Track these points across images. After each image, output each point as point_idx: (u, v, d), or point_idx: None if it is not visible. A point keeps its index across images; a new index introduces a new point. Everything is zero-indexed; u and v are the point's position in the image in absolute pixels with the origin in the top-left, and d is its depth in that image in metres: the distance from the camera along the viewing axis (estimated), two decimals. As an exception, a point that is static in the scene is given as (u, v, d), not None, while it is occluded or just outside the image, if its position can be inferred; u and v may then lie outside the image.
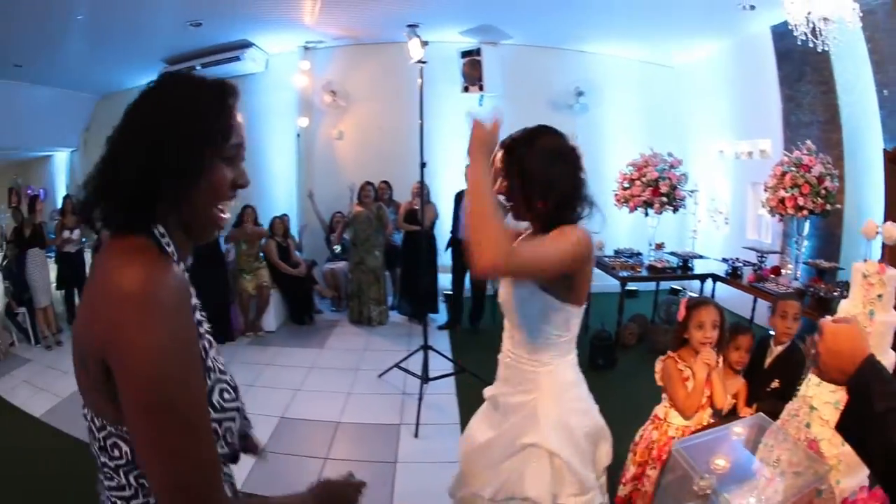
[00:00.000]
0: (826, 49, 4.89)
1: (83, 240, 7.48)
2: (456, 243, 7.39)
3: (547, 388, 2.06)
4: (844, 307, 2.21)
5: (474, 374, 5.16)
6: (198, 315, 1.11)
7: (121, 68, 8.81)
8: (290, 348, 6.86)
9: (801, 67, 6.65)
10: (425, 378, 5.17)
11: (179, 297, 1.00)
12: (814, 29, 4.77)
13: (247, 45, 8.33)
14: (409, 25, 7.77)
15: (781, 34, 6.67)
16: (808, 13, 4.73)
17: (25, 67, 8.10)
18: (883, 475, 1.14)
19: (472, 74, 8.29)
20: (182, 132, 1.04)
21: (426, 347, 5.37)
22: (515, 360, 2.13)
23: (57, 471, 3.99)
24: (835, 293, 5.09)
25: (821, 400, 2.20)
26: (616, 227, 8.02)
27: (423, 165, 5.45)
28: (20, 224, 7.01)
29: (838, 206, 5.89)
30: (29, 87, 8.90)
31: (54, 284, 7.41)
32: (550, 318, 2.01)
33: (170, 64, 8.62)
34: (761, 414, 2.23)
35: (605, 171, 8.51)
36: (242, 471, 3.66)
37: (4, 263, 7.28)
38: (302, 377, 5.87)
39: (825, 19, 4.68)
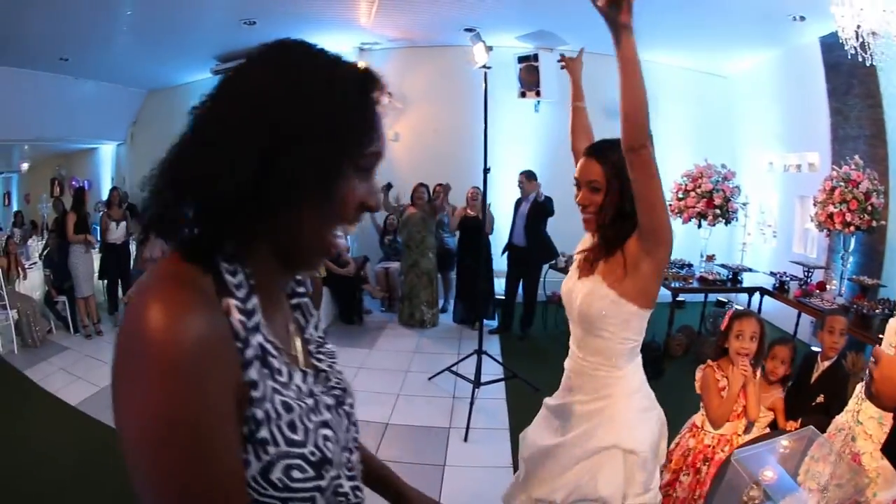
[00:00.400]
0: (873, 63, 4.83)
1: (131, 234, 7.40)
2: (512, 249, 7.25)
3: (621, 391, 2.07)
4: (892, 324, 2.15)
5: (525, 380, 5.20)
6: (273, 364, 0.80)
7: (170, 64, 8.78)
8: (339, 348, 6.51)
9: (849, 80, 6.52)
10: (477, 382, 4.98)
11: (205, 356, 0.69)
12: (862, 43, 4.71)
13: (302, 44, 8.18)
14: (467, 29, 7.71)
15: (830, 45, 6.57)
16: (858, 27, 4.66)
17: (73, 61, 8.06)
18: None
19: (529, 80, 8.08)
20: (315, 127, 0.78)
21: (480, 352, 5.20)
22: (591, 367, 2.09)
23: (91, 459, 3.91)
24: (876, 311, 5.04)
25: (866, 414, 2.22)
26: (677, 235, 7.72)
27: (486, 171, 5.27)
28: (62, 214, 6.88)
29: (883, 222, 5.78)
30: (74, 80, 8.87)
31: (96, 274, 7.29)
32: (631, 324, 2.01)
33: (222, 62, 8.57)
34: (811, 427, 2.22)
35: (664, 180, 8.23)
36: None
37: (46, 253, 7.15)
38: (351, 377, 5.53)
39: (873, 33, 4.63)
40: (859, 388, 2.29)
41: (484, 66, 5.65)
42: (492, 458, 4.10)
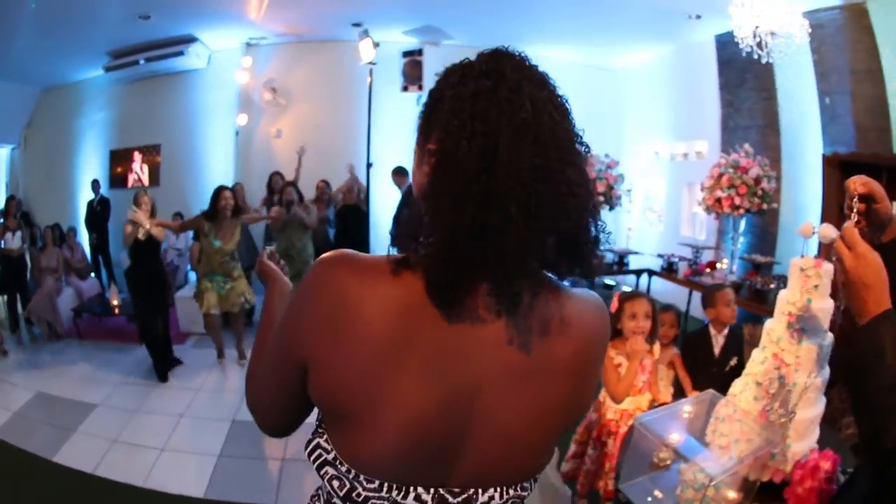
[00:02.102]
0: (771, 61, 5.16)
1: (26, 243, 7.26)
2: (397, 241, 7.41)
3: None
4: (783, 296, 2.27)
5: None
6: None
7: (64, 60, 8.43)
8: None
9: (743, 75, 6.87)
10: None
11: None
12: (760, 42, 5.00)
13: (191, 39, 8.11)
14: (355, 24, 7.75)
15: (725, 43, 6.88)
16: (756, 27, 4.96)
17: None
18: (868, 435, 1.20)
19: (413, 74, 8.27)
20: None
21: None
22: None
23: (19, 492, 3.90)
24: (771, 285, 5.39)
25: (765, 376, 2.25)
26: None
27: (369, 166, 5.48)
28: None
29: (774, 205, 6.16)
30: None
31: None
32: None
33: (114, 57, 8.35)
34: (711, 390, 2.37)
35: None
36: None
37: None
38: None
39: (772, 33, 4.93)
40: (755, 353, 2.33)
41: (370, 63, 5.80)
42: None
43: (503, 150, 0.79)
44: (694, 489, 1.89)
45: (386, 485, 0.90)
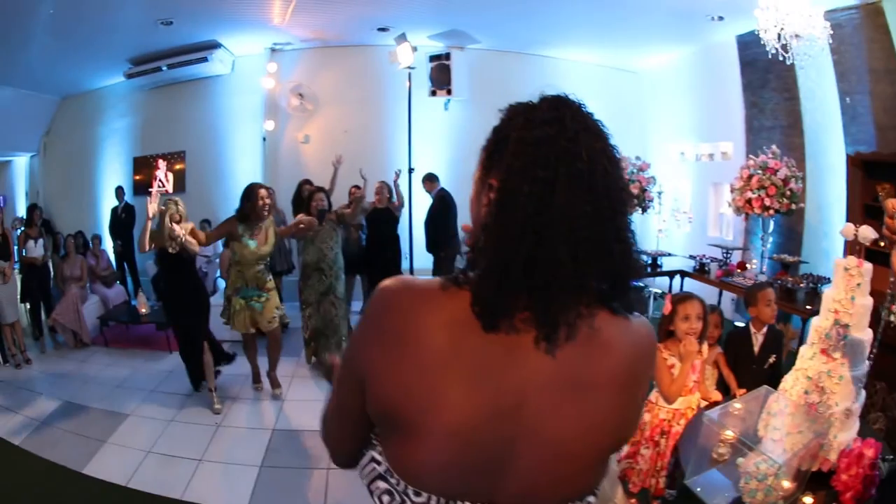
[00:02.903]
0: (793, 62, 5.08)
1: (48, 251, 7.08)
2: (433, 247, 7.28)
3: None
4: (829, 294, 2.46)
5: None
6: None
7: (85, 67, 8.29)
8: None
9: (766, 76, 6.75)
10: None
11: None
12: (784, 44, 4.96)
13: (215, 45, 7.96)
14: (380, 29, 7.68)
15: (747, 43, 6.85)
16: (781, 30, 4.90)
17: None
18: None
19: (440, 79, 8.07)
20: None
21: None
22: None
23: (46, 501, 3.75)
24: (801, 284, 5.38)
25: (815, 370, 2.41)
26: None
27: (411, 171, 5.27)
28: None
29: (801, 205, 6.11)
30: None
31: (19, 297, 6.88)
32: None
33: (135, 64, 8.21)
34: (765, 386, 2.51)
35: None
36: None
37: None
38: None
39: (797, 36, 4.87)
40: (804, 349, 2.50)
41: (409, 67, 5.62)
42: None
43: (559, 196, 0.85)
44: (757, 479, 2.01)
45: (434, 499, 0.93)
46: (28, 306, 7.15)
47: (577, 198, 0.85)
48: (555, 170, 0.86)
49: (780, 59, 5.04)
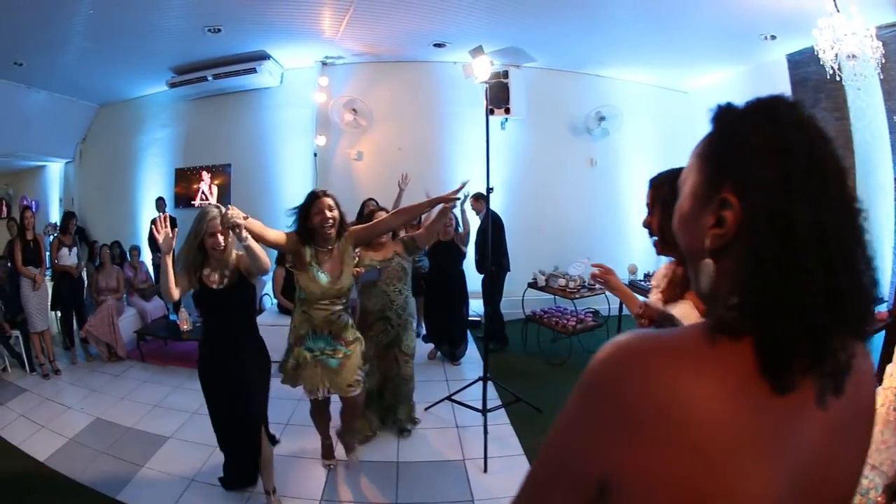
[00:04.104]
0: (843, 81, 5.23)
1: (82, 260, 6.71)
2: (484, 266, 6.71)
3: None
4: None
5: (528, 402, 4.85)
6: None
7: (126, 74, 8.01)
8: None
9: (817, 95, 6.69)
10: (485, 409, 4.46)
11: None
12: (839, 64, 5.05)
13: (264, 56, 7.64)
14: (436, 45, 7.42)
15: (797, 62, 6.92)
16: (837, 52, 4.98)
17: (27, 67, 7.16)
18: None
19: (499, 97, 7.71)
20: None
21: (486, 378, 4.68)
22: None
23: None
24: None
25: None
26: (644, 251, 7.68)
27: (489, 190, 4.77)
28: (14, 238, 6.08)
29: None
30: (26, 89, 7.95)
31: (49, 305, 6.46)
32: None
33: (178, 73, 7.91)
34: None
35: (624, 195, 8.13)
36: None
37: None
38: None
39: (853, 56, 4.93)
40: (890, 367, 2.35)
41: (485, 82, 5.24)
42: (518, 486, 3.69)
43: (825, 213, 0.72)
44: (860, 494, 1.99)
45: None
46: (59, 314, 6.76)
47: (844, 217, 0.74)
48: (818, 183, 0.73)
49: (837, 78, 5.10)
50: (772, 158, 0.74)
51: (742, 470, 0.69)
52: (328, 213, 3.41)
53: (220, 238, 3.23)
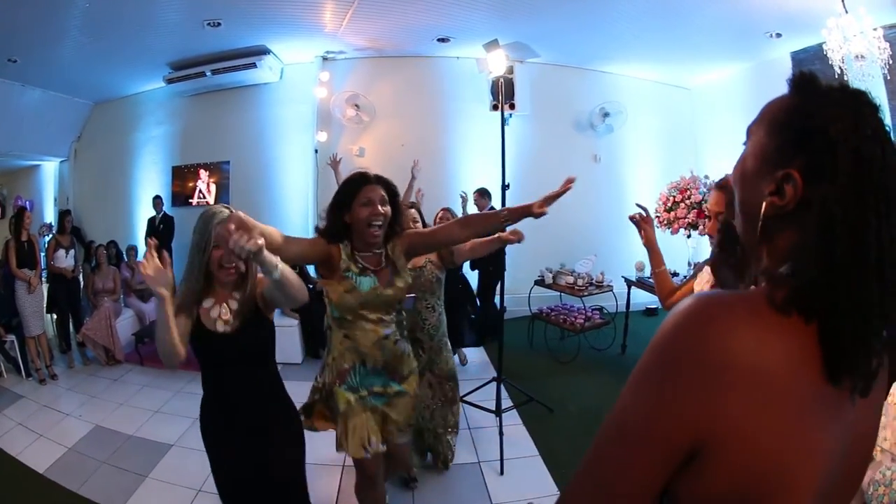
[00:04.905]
0: (854, 82, 5.06)
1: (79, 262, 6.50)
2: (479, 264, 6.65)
3: None
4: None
5: (541, 402, 4.77)
6: None
7: (121, 71, 7.80)
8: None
9: None
10: (499, 410, 4.35)
11: None
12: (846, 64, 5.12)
13: (264, 51, 7.43)
14: (440, 39, 7.32)
15: (801, 60, 6.88)
16: (844, 53, 5.06)
17: (21, 64, 6.95)
18: None
19: (503, 92, 7.57)
20: None
21: (500, 379, 4.55)
22: None
23: None
24: None
25: None
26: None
27: (505, 187, 4.56)
28: (9, 240, 5.87)
29: None
30: (21, 87, 7.73)
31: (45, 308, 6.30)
32: None
33: (175, 69, 7.71)
34: None
35: (629, 191, 8.01)
36: None
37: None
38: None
39: (861, 56, 4.98)
40: None
41: (500, 76, 5.09)
42: (536, 488, 3.64)
43: (887, 231, 0.74)
44: (885, 485, 2.02)
45: None
46: (55, 317, 6.55)
47: None
48: (886, 199, 0.74)
49: (844, 78, 4.98)
50: (850, 162, 0.75)
51: (813, 432, 0.73)
52: (379, 208, 2.45)
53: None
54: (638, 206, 2.75)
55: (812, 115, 0.80)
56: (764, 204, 0.82)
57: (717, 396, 0.71)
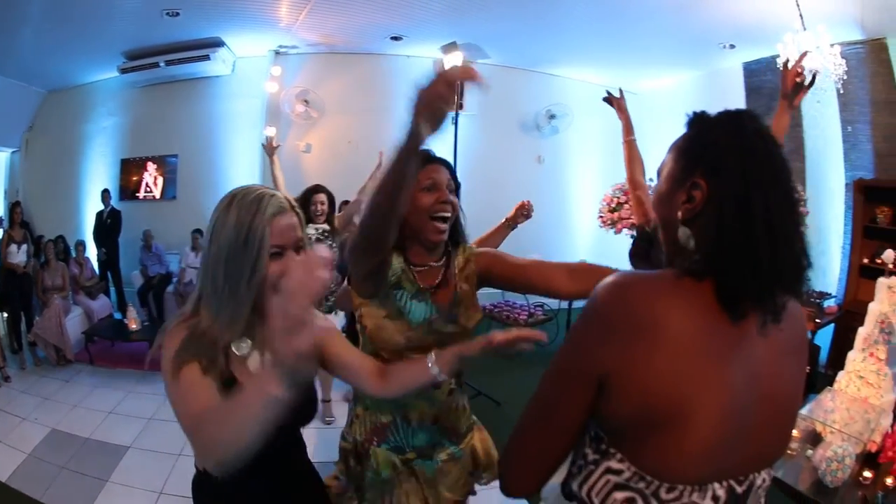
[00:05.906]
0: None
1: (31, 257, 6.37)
2: None
3: None
4: (874, 308, 2.98)
5: (487, 395, 5.03)
6: None
7: (76, 58, 7.58)
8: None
9: (770, 103, 6.91)
10: None
11: None
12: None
13: (219, 43, 7.37)
14: (393, 38, 7.37)
15: (753, 71, 7.19)
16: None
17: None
18: None
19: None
20: None
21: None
22: None
23: None
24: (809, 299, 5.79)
25: (865, 370, 2.96)
26: (589, 246, 8.27)
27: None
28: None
29: (806, 227, 6.38)
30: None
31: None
32: None
33: (130, 59, 7.58)
34: (828, 387, 3.10)
35: (572, 192, 8.22)
36: None
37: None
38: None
39: (817, 72, 4.99)
40: (853, 354, 3.06)
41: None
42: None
43: (772, 199, 0.94)
44: (837, 461, 2.32)
45: (687, 489, 0.93)
46: (5, 316, 6.43)
47: (787, 203, 0.96)
48: (769, 178, 0.95)
49: None
50: (737, 155, 0.95)
51: (706, 368, 0.91)
52: (448, 195, 1.78)
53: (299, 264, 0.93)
54: (608, 91, 3.01)
55: (706, 135, 1.02)
56: (680, 212, 1.02)
57: (617, 340, 0.93)
